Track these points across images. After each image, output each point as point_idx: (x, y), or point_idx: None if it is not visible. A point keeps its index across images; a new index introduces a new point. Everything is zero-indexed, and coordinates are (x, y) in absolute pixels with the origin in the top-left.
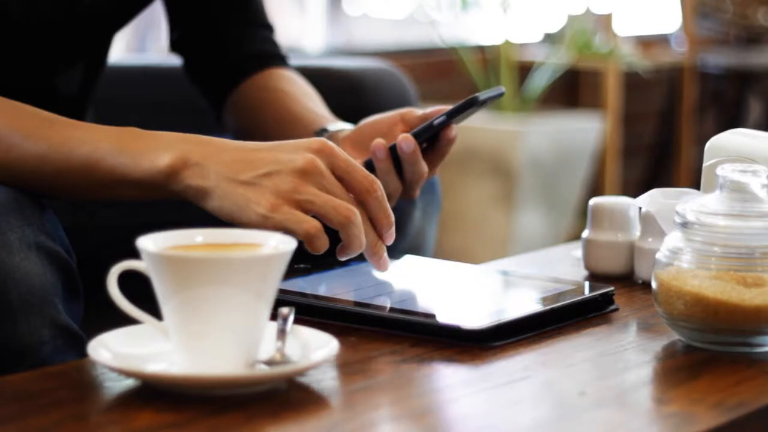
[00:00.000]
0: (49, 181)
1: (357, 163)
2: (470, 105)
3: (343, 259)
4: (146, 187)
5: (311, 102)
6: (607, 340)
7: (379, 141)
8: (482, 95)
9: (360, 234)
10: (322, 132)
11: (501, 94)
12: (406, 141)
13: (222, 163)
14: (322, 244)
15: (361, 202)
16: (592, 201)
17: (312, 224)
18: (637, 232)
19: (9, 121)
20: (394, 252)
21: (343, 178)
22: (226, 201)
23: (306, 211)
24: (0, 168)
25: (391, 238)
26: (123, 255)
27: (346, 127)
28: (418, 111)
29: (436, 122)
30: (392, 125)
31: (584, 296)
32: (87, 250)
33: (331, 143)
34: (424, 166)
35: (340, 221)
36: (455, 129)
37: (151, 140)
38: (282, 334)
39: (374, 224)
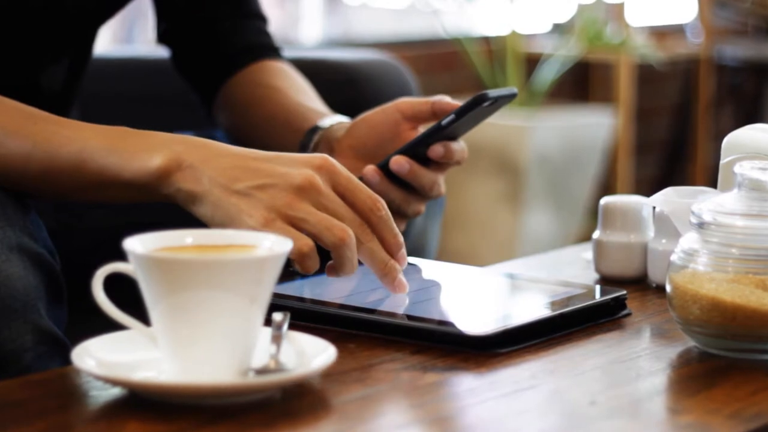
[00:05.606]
0: (35, 181)
1: (359, 181)
2: (480, 101)
3: (333, 277)
4: (136, 188)
5: (304, 96)
6: (618, 346)
7: (369, 168)
8: (492, 92)
9: (353, 257)
10: (313, 130)
11: (513, 95)
12: (398, 164)
13: (217, 168)
14: (314, 264)
15: (366, 222)
16: (604, 200)
17: (305, 242)
18: (650, 232)
19: None
20: None
21: (345, 196)
22: (217, 209)
23: (299, 229)
24: None
25: (403, 259)
26: (109, 257)
27: (338, 120)
28: (413, 99)
29: (444, 122)
30: (394, 125)
31: (595, 300)
32: (71, 251)
33: (333, 160)
34: (430, 176)
35: (333, 242)
36: (456, 145)
37: (144, 140)
38: (276, 340)
39: (383, 245)
